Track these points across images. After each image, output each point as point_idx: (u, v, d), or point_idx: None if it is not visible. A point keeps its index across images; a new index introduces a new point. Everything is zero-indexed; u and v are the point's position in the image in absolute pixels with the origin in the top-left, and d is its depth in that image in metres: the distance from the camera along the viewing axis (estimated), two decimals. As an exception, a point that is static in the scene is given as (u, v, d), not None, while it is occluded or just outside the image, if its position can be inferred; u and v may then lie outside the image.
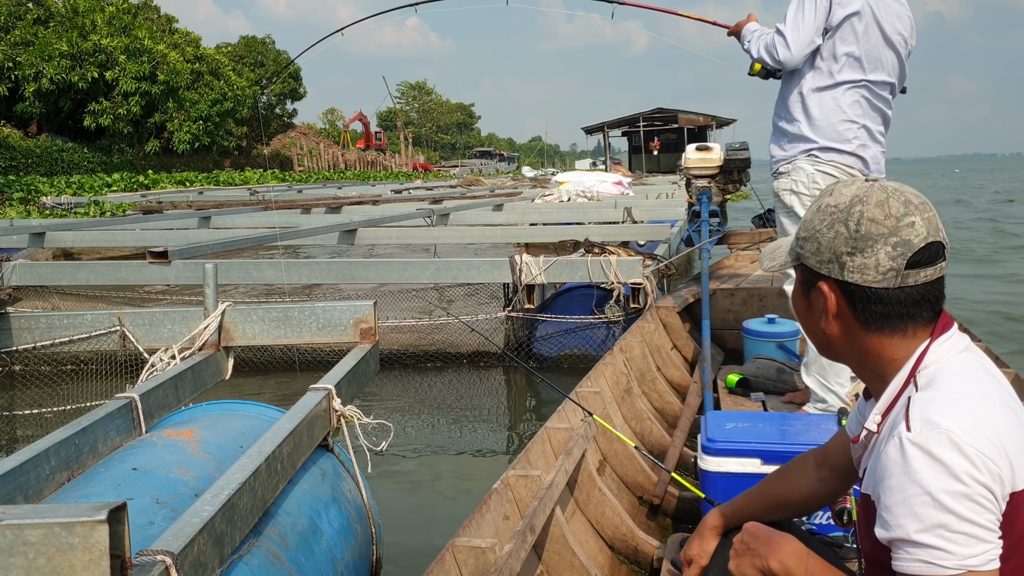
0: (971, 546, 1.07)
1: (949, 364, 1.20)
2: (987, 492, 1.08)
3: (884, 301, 1.23)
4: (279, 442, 1.99)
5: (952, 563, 1.07)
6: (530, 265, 5.21)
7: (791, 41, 3.13)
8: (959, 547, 1.07)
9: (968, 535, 1.07)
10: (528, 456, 2.66)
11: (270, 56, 50.35)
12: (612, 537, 2.76)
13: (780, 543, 1.34)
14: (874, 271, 1.22)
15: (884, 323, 1.25)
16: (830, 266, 1.26)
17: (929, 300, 1.24)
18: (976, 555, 1.07)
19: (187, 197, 18.34)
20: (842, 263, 1.24)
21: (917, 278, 1.22)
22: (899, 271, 1.21)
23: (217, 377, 2.99)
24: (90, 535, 1.21)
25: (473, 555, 2.07)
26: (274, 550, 1.86)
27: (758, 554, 1.35)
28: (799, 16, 3.12)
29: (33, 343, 3.10)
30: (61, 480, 1.99)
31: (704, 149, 4.49)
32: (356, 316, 3.08)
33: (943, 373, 1.19)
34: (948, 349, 1.23)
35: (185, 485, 1.90)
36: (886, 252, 1.21)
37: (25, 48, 29.84)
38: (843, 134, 3.14)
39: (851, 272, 1.24)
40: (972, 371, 1.19)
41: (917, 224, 1.22)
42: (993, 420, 1.11)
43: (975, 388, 1.16)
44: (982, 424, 1.10)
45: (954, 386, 1.16)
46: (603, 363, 3.66)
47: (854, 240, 1.23)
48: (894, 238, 1.21)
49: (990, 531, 1.08)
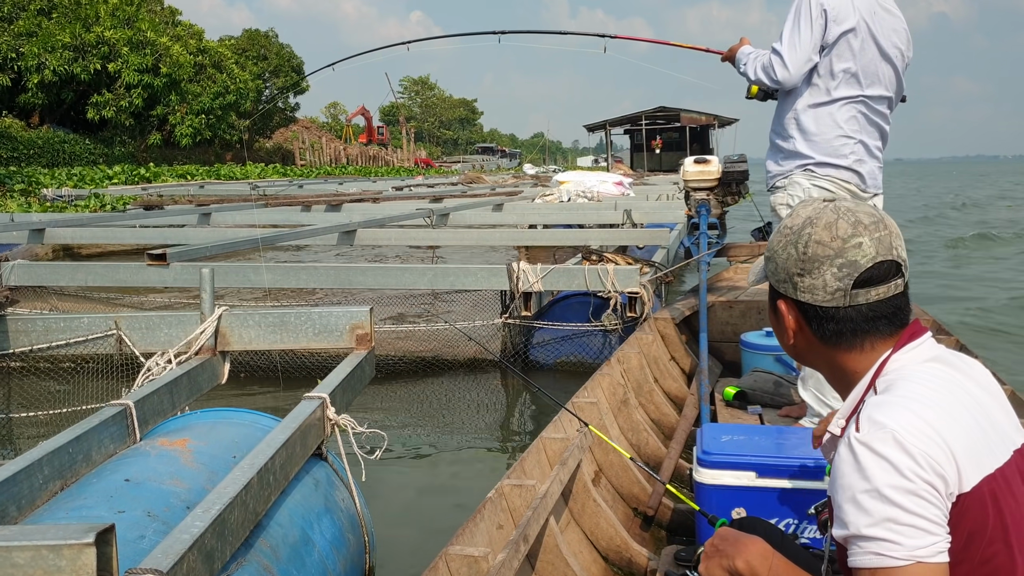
0: (919, 538, 1.10)
1: (910, 371, 1.23)
2: (931, 488, 1.11)
3: (836, 319, 1.27)
4: (272, 454, 1.99)
5: (901, 554, 1.10)
6: (527, 273, 5.22)
7: (788, 60, 3.12)
8: (907, 539, 1.10)
9: (915, 527, 1.10)
10: (523, 465, 2.66)
11: (273, 49, 50.28)
12: (606, 548, 2.76)
13: (747, 544, 1.36)
14: (822, 291, 1.27)
15: (839, 339, 1.29)
16: (785, 286, 1.32)
17: (885, 316, 1.27)
18: (924, 546, 1.10)
19: (188, 191, 18.36)
20: (794, 283, 1.30)
21: (868, 296, 1.25)
22: (846, 291, 1.25)
23: (213, 382, 3.00)
24: (78, 558, 1.21)
25: (466, 564, 2.07)
26: (265, 563, 1.87)
27: (725, 554, 1.37)
28: (795, 35, 3.11)
29: (30, 346, 3.11)
30: (54, 489, 1.99)
31: (702, 162, 4.49)
32: (352, 322, 3.09)
33: (901, 379, 1.22)
34: (913, 358, 1.25)
35: (177, 497, 1.91)
36: (832, 273, 1.26)
37: (28, 39, 29.81)
38: (839, 149, 3.14)
39: (802, 292, 1.29)
40: (933, 378, 1.21)
41: (864, 245, 1.25)
42: (942, 424, 1.13)
43: (929, 394, 1.18)
44: (927, 426, 1.12)
45: (907, 391, 1.19)
46: (600, 374, 3.66)
47: (802, 262, 1.28)
48: (840, 259, 1.25)
49: (937, 525, 1.11)
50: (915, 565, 1.10)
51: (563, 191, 12.89)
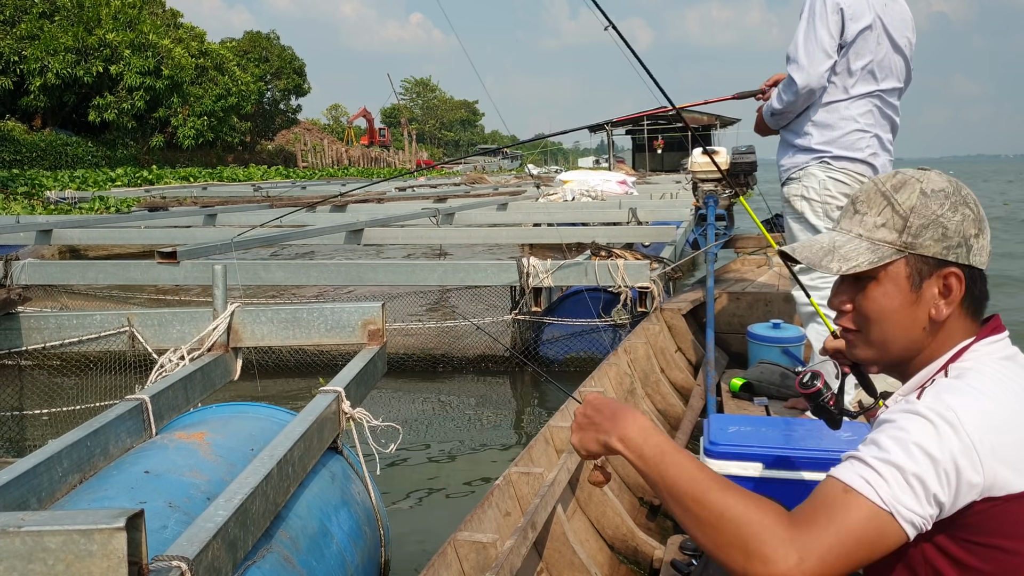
0: (909, 497, 1.05)
1: (985, 364, 1.18)
2: (953, 474, 1.06)
3: (984, 283, 1.24)
4: (290, 445, 1.99)
5: (885, 495, 1.05)
6: (537, 268, 5.22)
7: (806, 63, 3.06)
8: (900, 491, 1.05)
9: (913, 489, 1.05)
10: (530, 453, 2.67)
11: (275, 51, 50.31)
12: (612, 537, 2.77)
13: (626, 418, 1.26)
14: (987, 252, 1.22)
15: (979, 307, 1.24)
16: (959, 251, 1.20)
17: None
18: (908, 507, 1.05)
19: (191, 193, 18.36)
20: (969, 246, 1.20)
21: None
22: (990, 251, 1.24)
23: (226, 378, 3.00)
24: (109, 542, 1.22)
25: (474, 550, 2.08)
26: (285, 554, 1.87)
27: (601, 429, 1.28)
28: (810, 36, 3.06)
29: (43, 343, 3.11)
30: (73, 482, 2.00)
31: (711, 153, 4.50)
32: (364, 317, 3.09)
33: (975, 371, 1.17)
34: (991, 352, 1.20)
35: (197, 488, 1.91)
36: (990, 233, 1.24)
37: (31, 42, 29.87)
38: (856, 143, 3.13)
39: (975, 254, 1.21)
40: (1006, 378, 1.16)
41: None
42: (1002, 424, 1.09)
43: (1001, 393, 1.13)
44: (989, 422, 1.08)
45: (979, 383, 1.13)
46: (607, 363, 3.67)
47: (980, 220, 1.22)
48: (984, 221, 1.23)
49: (931, 504, 1.06)
50: (886, 516, 1.04)
51: (567, 190, 12.89)
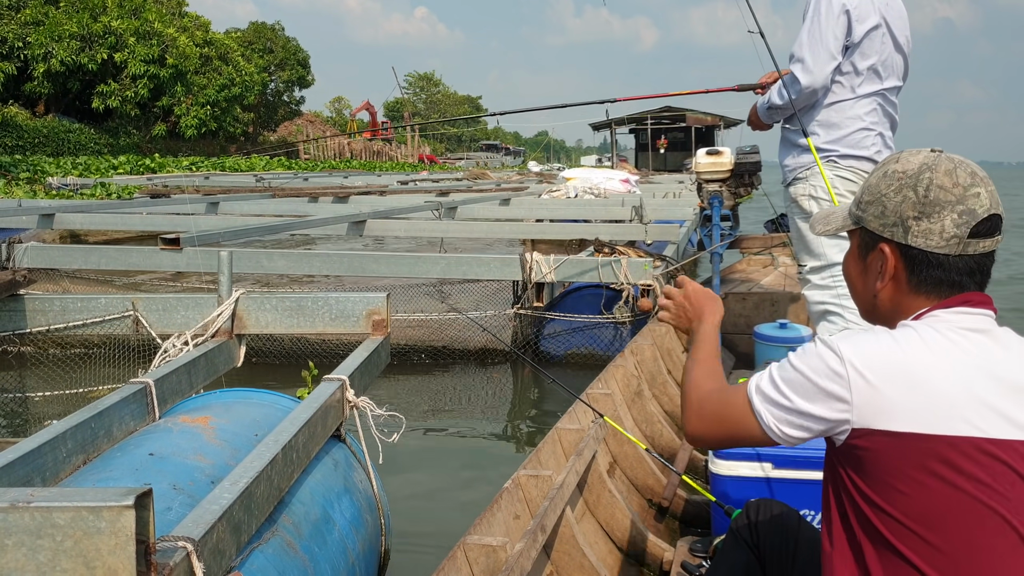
0: (770, 396, 1.28)
1: (927, 326, 1.25)
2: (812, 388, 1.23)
3: (943, 267, 1.27)
4: (295, 431, 2.00)
5: (759, 405, 1.29)
6: (540, 263, 5.22)
7: (811, 63, 3.05)
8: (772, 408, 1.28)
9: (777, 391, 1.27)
10: (539, 456, 2.67)
11: (279, 43, 50.26)
12: (622, 539, 2.77)
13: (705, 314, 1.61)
14: (938, 236, 1.26)
15: (934, 289, 1.29)
16: (894, 229, 1.30)
17: (980, 272, 1.28)
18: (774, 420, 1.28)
19: (193, 181, 18.34)
20: (907, 227, 1.28)
21: (976, 248, 1.26)
22: (962, 239, 1.25)
23: (229, 364, 3.00)
24: (117, 520, 1.21)
25: (484, 553, 2.08)
26: (288, 539, 1.87)
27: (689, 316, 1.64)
28: (815, 36, 3.05)
29: (47, 326, 3.11)
30: (77, 463, 2.00)
31: (715, 153, 4.49)
32: (369, 307, 3.09)
33: (908, 328, 1.25)
34: (953, 320, 1.25)
35: (201, 472, 1.91)
36: (952, 219, 1.25)
37: (35, 28, 29.82)
38: (861, 142, 3.14)
39: (915, 236, 1.28)
40: (948, 342, 1.22)
41: (982, 195, 1.26)
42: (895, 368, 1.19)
43: (919, 348, 1.21)
44: (877, 359, 1.20)
45: (897, 335, 1.24)
46: (614, 365, 3.67)
47: (922, 205, 1.27)
48: (960, 206, 1.25)
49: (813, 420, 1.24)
50: (754, 418, 1.30)
51: (570, 187, 12.88)
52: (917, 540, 1.17)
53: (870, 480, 1.22)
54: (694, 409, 1.42)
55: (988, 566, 1.15)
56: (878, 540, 1.21)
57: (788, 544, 1.65)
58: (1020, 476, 1.16)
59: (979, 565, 1.15)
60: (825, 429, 1.25)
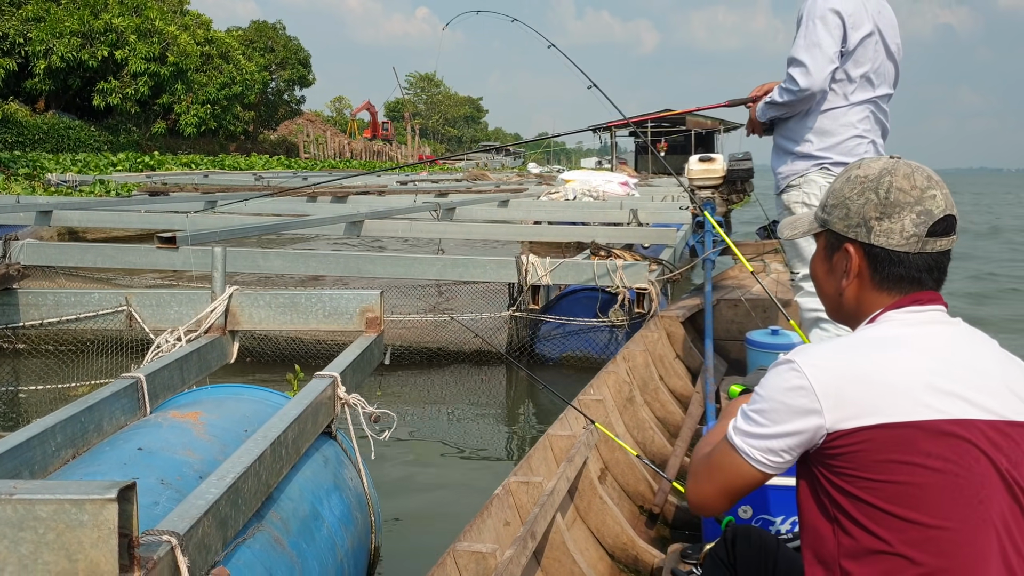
0: (757, 446, 1.33)
1: (890, 329, 1.34)
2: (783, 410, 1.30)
3: (903, 264, 1.36)
4: (284, 427, 1.99)
5: (739, 442, 1.36)
6: (536, 266, 5.22)
7: (811, 66, 3.04)
8: (751, 440, 1.34)
9: (762, 439, 1.32)
10: (530, 462, 2.67)
11: (280, 42, 50.25)
12: (612, 546, 2.77)
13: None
14: (899, 235, 1.35)
15: (896, 285, 1.37)
16: (858, 230, 1.38)
17: (937, 269, 1.37)
18: (756, 453, 1.33)
19: (192, 180, 18.34)
20: (870, 227, 1.37)
21: (934, 246, 1.35)
22: (920, 237, 1.34)
23: (222, 360, 2.99)
24: (100, 513, 1.21)
25: (474, 560, 2.08)
26: (276, 535, 1.87)
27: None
28: (812, 40, 3.04)
29: (40, 320, 3.11)
30: (66, 457, 2.00)
31: (707, 160, 4.49)
32: (363, 305, 3.09)
33: (873, 337, 1.34)
34: (906, 319, 1.35)
35: (190, 467, 1.91)
36: (911, 219, 1.34)
37: (36, 24, 29.80)
38: (854, 149, 3.14)
39: (877, 235, 1.36)
40: (908, 337, 1.31)
41: (938, 197, 1.35)
42: (859, 371, 1.26)
43: (881, 346, 1.30)
44: (833, 370, 1.27)
45: (860, 340, 1.34)
46: (606, 371, 3.67)
47: (883, 206, 1.35)
48: (919, 207, 1.34)
49: (782, 451, 1.31)
50: (740, 457, 1.35)
51: (568, 189, 12.88)
52: (896, 522, 1.23)
53: (846, 476, 1.27)
54: (690, 478, 1.49)
55: (964, 539, 1.21)
56: (859, 530, 1.25)
57: (767, 570, 1.67)
58: (982, 451, 1.23)
59: (954, 539, 1.21)
60: (805, 441, 1.30)
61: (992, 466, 1.23)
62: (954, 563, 1.21)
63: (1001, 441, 1.24)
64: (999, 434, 1.24)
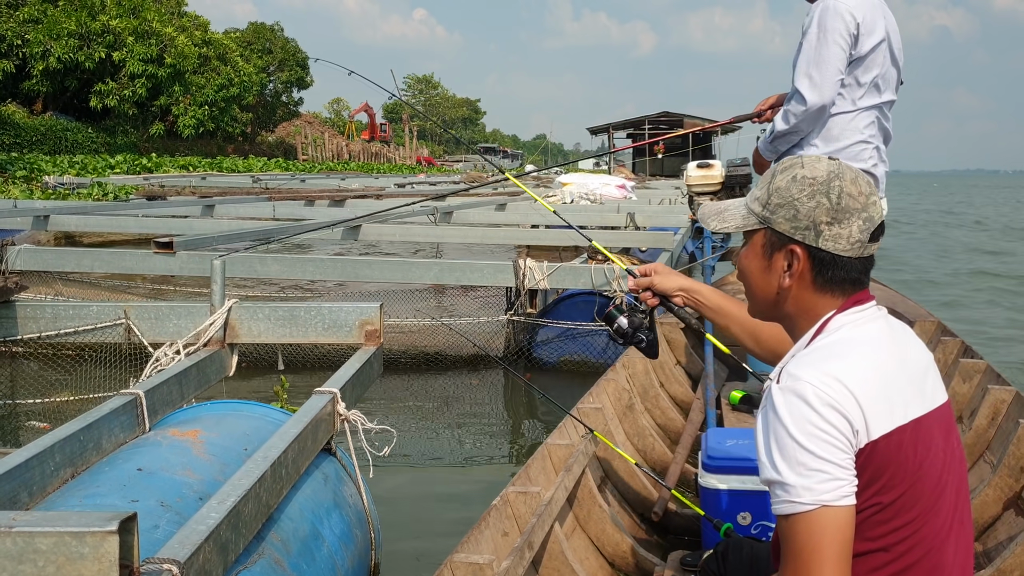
0: (825, 483, 1.22)
1: (848, 331, 1.35)
2: (838, 434, 1.23)
3: (845, 268, 1.38)
4: (284, 447, 1.98)
5: (809, 499, 1.22)
6: (534, 270, 5.22)
7: (817, 79, 3.00)
8: (815, 483, 1.22)
9: (822, 472, 1.22)
10: (528, 472, 2.66)
11: (278, 43, 50.23)
12: (612, 554, 2.76)
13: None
14: (846, 240, 1.36)
15: (835, 287, 1.39)
16: (806, 232, 1.38)
17: (868, 271, 1.41)
18: (830, 491, 1.22)
19: (190, 182, 18.32)
20: (819, 231, 1.37)
21: (870, 250, 1.39)
22: (863, 243, 1.37)
23: (221, 374, 2.98)
24: (100, 545, 1.20)
25: (470, 571, 2.08)
26: (276, 556, 1.86)
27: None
28: (821, 52, 2.99)
29: (38, 332, 3.10)
30: (65, 477, 1.99)
31: (705, 166, 4.48)
32: (362, 318, 3.08)
33: (838, 341, 1.34)
34: (855, 320, 1.37)
35: (190, 488, 1.90)
36: (858, 225, 1.36)
37: (34, 26, 29.77)
38: (860, 155, 3.13)
39: (826, 240, 1.37)
40: (868, 338, 1.34)
41: (878, 204, 1.39)
42: (856, 377, 1.26)
43: (853, 351, 1.31)
44: (837, 380, 1.25)
45: (835, 349, 1.32)
46: (605, 379, 3.66)
47: (835, 211, 1.36)
48: (865, 213, 1.36)
49: (844, 469, 1.23)
50: (821, 509, 1.21)
51: (566, 193, 12.89)
52: (892, 527, 1.27)
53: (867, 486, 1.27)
54: None
55: (934, 529, 1.28)
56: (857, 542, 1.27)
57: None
58: (936, 439, 1.31)
59: (931, 531, 1.28)
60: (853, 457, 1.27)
61: (942, 450, 1.31)
62: (927, 551, 1.27)
63: (939, 425, 1.33)
64: (938, 421, 1.33)
